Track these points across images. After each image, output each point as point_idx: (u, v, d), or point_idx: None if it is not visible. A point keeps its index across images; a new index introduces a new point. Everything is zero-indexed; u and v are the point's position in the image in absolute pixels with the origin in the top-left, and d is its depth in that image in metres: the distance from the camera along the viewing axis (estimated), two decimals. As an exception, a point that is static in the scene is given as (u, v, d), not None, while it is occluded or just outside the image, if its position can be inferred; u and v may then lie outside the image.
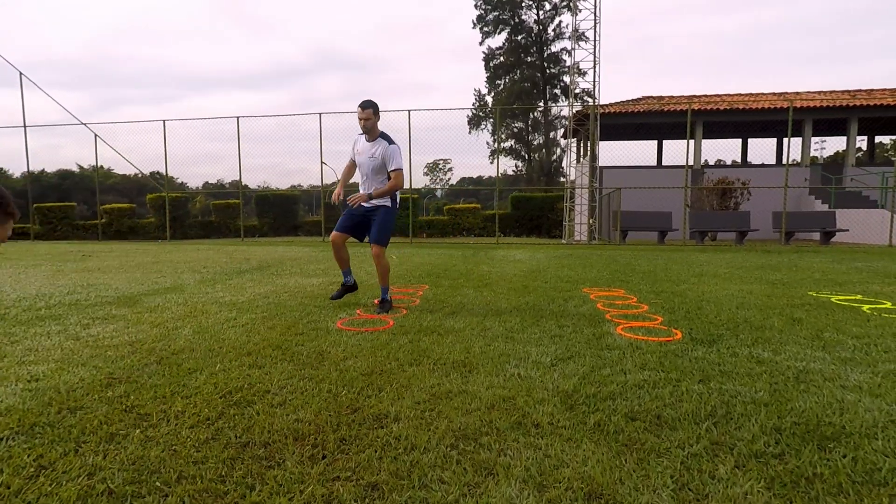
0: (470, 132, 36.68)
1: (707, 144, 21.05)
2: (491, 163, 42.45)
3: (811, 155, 18.96)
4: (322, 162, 15.00)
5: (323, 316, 3.85)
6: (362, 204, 4.12)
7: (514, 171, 43.05)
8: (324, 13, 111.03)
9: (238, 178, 17.32)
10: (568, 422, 1.89)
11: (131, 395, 2.08)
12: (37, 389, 2.11)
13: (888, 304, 4.31)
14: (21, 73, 16.66)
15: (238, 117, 15.23)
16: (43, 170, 41.21)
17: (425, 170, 59.72)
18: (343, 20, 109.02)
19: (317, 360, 2.67)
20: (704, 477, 1.50)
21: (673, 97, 20.47)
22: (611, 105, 19.34)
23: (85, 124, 17.01)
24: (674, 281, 5.90)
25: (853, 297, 4.67)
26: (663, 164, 21.70)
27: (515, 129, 41.12)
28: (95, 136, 16.84)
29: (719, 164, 20.92)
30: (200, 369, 2.46)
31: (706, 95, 20.44)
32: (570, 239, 14.52)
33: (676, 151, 13.08)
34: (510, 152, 41.63)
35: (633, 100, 20.27)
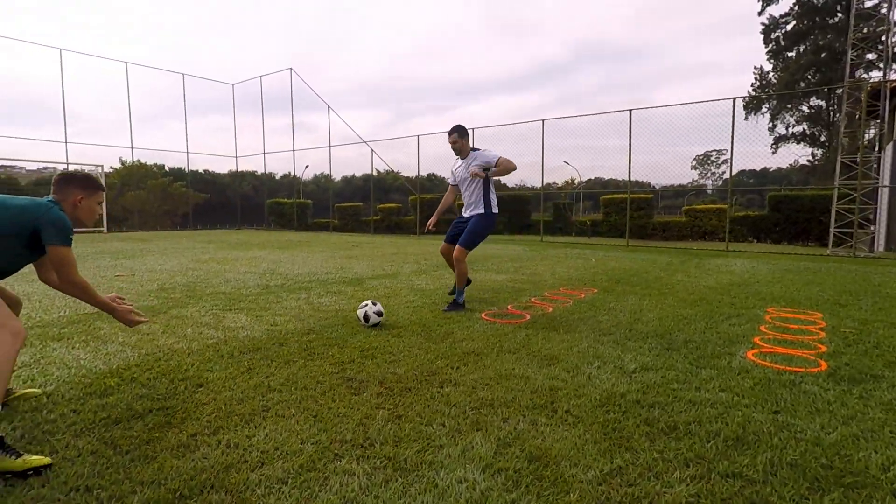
0: (746, 118, 31.38)
1: None
2: (773, 153, 35.85)
3: None
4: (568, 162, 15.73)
5: (479, 306, 4.62)
6: (462, 214, 4.70)
7: (808, 161, 35.52)
8: (582, 5, 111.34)
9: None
10: (584, 413, 2.23)
11: (313, 341, 3.24)
12: (271, 331, 3.47)
13: None
14: (328, 106, 22.16)
15: (472, 129, 17.20)
16: (353, 174, 52.73)
17: (693, 163, 54.21)
18: (601, 10, 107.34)
19: (441, 338, 3.46)
20: (648, 474, 1.73)
21: None
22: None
23: (365, 142, 21.62)
24: (917, 311, 4.69)
25: None
26: None
27: (808, 111, 34.00)
28: (372, 150, 21.25)
29: None
30: (362, 332, 3.52)
31: None
32: (835, 250, 11.81)
33: None
34: (802, 138, 34.58)
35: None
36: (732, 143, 12.14)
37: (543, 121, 15.37)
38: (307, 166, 35.51)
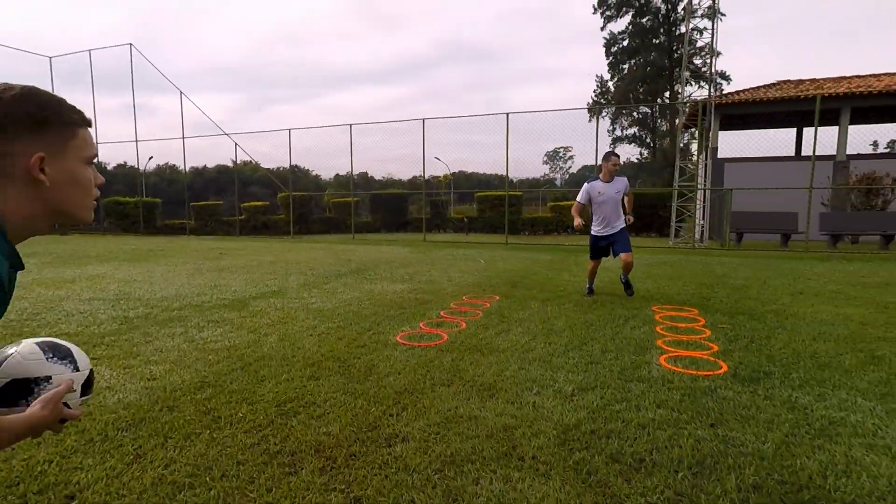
0: (590, 120, 35.31)
1: (867, 130, 18.16)
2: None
3: None
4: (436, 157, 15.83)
5: (390, 327, 4.32)
6: (614, 228, 5.62)
7: (637, 159, 40.82)
8: (449, 4, 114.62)
9: (355, 177, 18.87)
10: (551, 457, 2.10)
11: (213, 398, 2.68)
12: (151, 388, 2.81)
13: None
14: (181, 92, 19.69)
15: (350, 125, 16.60)
16: (205, 165, 47.47)
17: (545, 158, 59.12)
18: (467, 11, 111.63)
19: (364, 375, 3.11)
20: (644, 527, 1.65)
21: (815, 80, 18.04)
22: (736, 93, 17.65)
23: (228, 134, 19.68)
24: (763, 300, 5.50)
25: (976, 332, 4.05)
26: (803, 154, 19.29)
27: (639, 116, 39.09)
28: (235, 144, 19.40)
29: (873, 155, 17.94)
30: (270, 377, 3.03)
31: (858, 76, 17.69)
32: (676, 241, 13.67)
33: (819, 139, 11.56)
34: (633, 139, 39.71)
35: (765, 85, 18.26)
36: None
37: (424, 120, 15.37)
38: (151, 157, 31.26)
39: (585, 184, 5.67)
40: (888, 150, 23.00)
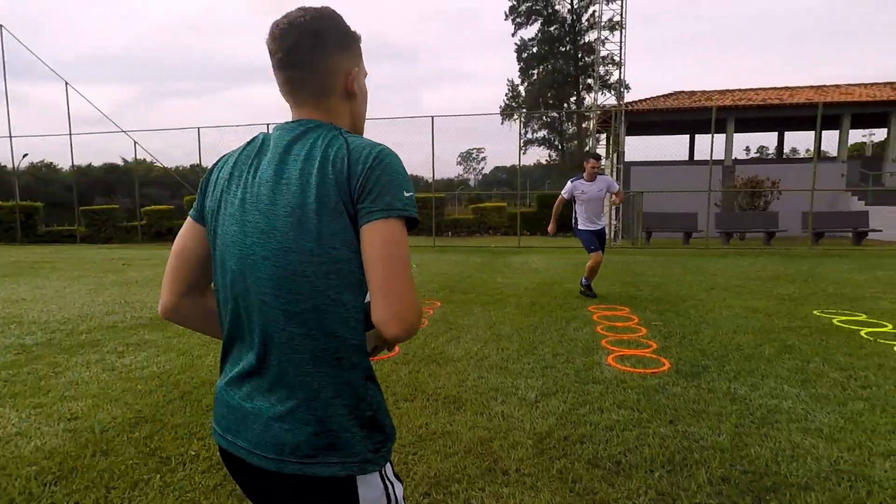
0: (503, 122, 36.70)
1: (742, 137, 20.47)
2: (524, 154, 42.18)
3: (864, 144, 18.14)
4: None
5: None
6: (598, 224, 5.92)
7: (547, 160, 42.88)
8: (363, 2, 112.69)
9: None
10: (534, 468, 2.10)
11: (155, 436, 2.39)
12: (75, 430, 2.45)
13: (889, 327, 4.32)
14: (67, 83, 17.60)
15: (267, 124, 15.79)
16: (90, 164, 42.07)
17: (458, 159, 60.24)
18: (383, 9, 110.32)
19: (321, 395, 2.94)
20: (639, 532, 1.69)
21: (705, 92, 19.97)
22: (639, 102, 19.06)
23: (125, 132, 17.93)
24: (682, 296, 5.96)
25: (857, 318, 4.67)
26: (695, 158, 21.22)
27: (548, 119, 41.00)
28: (135, 143, 17.73)
29: (752, 160, 20.23)
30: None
31: (740, 90, 19.83)
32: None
33: (708, 145, 12.97)
34: (543, 142, 41.59)
35: (663, 95, 19.91)
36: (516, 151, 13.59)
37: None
38: (26, 155, 27.62)
39: (569, 182, 5.97)
40: (758, 154, 26.17)
